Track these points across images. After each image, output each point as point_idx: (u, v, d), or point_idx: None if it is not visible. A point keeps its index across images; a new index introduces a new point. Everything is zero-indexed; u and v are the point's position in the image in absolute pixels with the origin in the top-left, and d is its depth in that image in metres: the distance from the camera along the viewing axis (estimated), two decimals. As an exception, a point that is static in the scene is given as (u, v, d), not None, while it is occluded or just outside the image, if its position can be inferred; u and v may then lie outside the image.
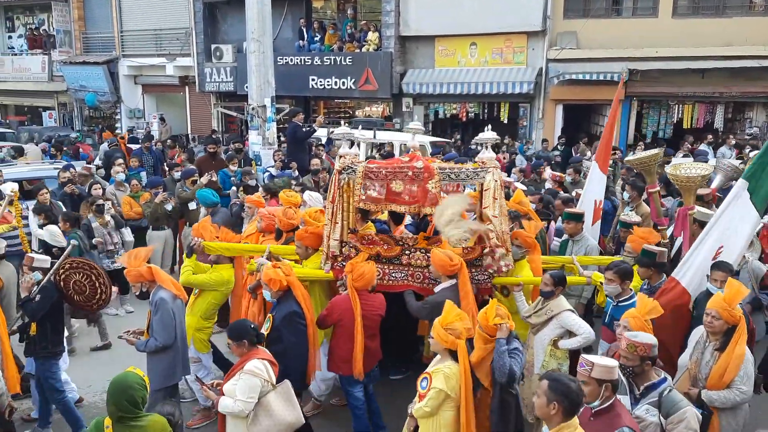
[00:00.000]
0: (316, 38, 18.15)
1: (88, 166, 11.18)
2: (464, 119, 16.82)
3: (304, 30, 18.37)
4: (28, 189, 9.39)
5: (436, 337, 4.17)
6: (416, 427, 4.18)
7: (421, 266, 5.36)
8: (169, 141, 15.83)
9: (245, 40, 14.22)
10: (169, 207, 8.56)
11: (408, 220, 6.85)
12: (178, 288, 4.97)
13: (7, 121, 23.48)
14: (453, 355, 4.16)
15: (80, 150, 16.01)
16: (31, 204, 8.24)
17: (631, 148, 13.96)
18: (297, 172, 10.28)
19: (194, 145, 17.31)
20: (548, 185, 9.12)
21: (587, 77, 14.82)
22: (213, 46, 19.29)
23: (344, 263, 5.35)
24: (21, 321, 5.31)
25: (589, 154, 11.82)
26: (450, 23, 16.10)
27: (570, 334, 4.81)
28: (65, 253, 5.49)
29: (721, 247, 4.78)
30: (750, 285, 5.39)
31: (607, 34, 14.97)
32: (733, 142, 13.41)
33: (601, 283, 5.21)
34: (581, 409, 3.31)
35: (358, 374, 4.92)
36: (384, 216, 6.78)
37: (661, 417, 3.55)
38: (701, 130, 14.93)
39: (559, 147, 14.29)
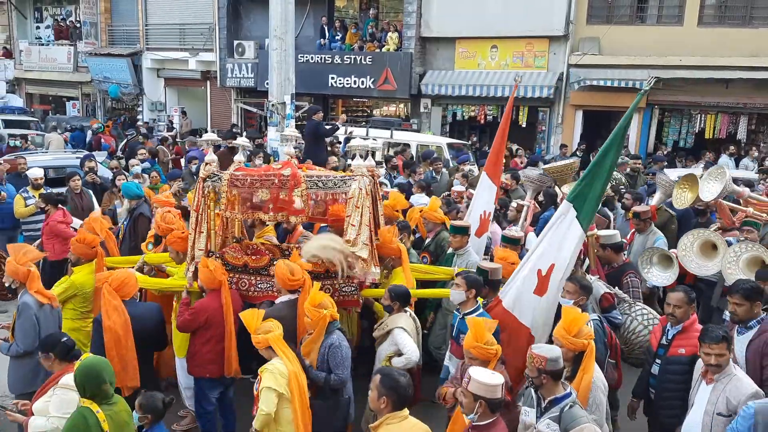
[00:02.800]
0: (337, 37, 18.22)
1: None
2: (482, 122, 16.77)
3: (326, 29, 18.45)
4: (51, 177, 9.63)
5: (256, 343, 4.22)
6: None
7: None
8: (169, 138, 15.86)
9: (267, 37, 14.31)
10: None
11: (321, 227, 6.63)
12: (45, 295, 4.88)
13: (32, 110, 23.81)
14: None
15: (102, 141, 16.25)
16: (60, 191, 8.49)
17: (650, 158, 13.82)
18: (313, 170, 10.32)
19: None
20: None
21: (609, 84, 14.71)
22: (235, 42, 19.44)
23: None
24: None
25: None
26: (471, 25, 16.06)
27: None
28: None
29: (553, 264, 4.65)
30: (590, 307, 5.21)
31: (631, 40, 14.84)
32: (756, 153, 13.23)
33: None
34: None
35: (235, 372, 4.93)
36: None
37: None
38: (724, 140, 14.75)
39: (578, 153, 14.20)
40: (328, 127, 11.31)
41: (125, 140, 15.71)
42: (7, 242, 6.75)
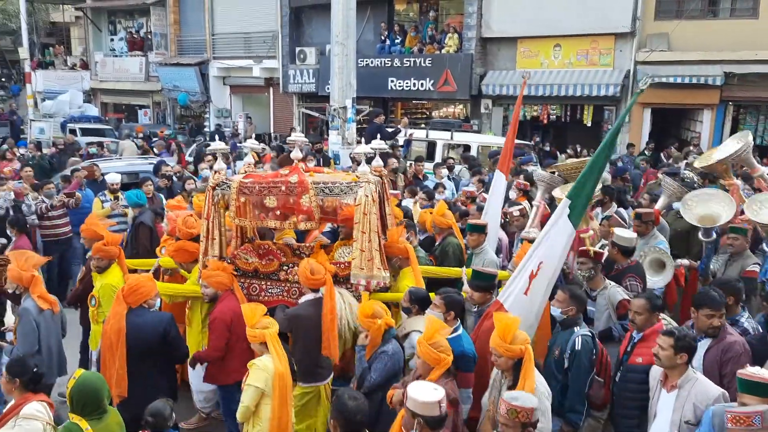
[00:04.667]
0: (396, 41, 18.31)
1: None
2: (546, 121, 16.47)
3: (386, 32, 18.56)
4: (125, 182, 10.08)
5: (249, 338, 4.19)
6: None
7: (298, 282, 5.16)
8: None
9: (328, 43, 14.53)
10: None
11: (327, 227, 6.62)
12: (47, 300, 4.96)
13: (107, 119, 24.96)
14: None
15: (172, 146, 16.84)
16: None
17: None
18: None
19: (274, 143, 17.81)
20: (512, 195, 8.33)
21: (679, 80, 14.17)
22: (297, 49, 19.83)
23: None
24: None
25: (683, 163, 11.13)
26: (533, 25, 15.81)
27: None
28: None
29: (541, 263, 4.53)
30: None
31: (702, 35, 14.24)
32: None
33: None
34: None
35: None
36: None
37: None
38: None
39: (646, 152, 13.75)
40: (389, 130, 11.38)
41: (194, 146, 16.26)
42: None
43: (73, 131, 19.33)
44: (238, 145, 14.68)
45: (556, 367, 4.38)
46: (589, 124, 15.76)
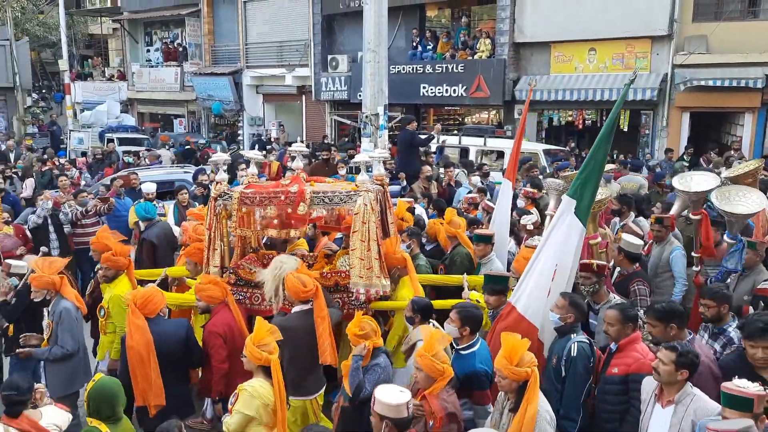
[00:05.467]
0: (428, 47, 18.27)
1: None
2: (581, 126, 16.23)
3: (418, 39, 18.55)
4: (162, 191, 10.25)
5: (248, 355, 4.03)
6: None
7: None
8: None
9: (359, 51, 14.55)
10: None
11: (339, 235, 6.63)
12: (79, 300, 5.07)
13: (143, 128, 25.45)
14: (267, 371, 4.01)
15: (209, 154, 17.06)
16: (168, 204, 8.99)
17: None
18: (405, 182, 10.38)
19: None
20: (520, 203, 8.22)
21: (718, 83, 13.82)
22: (329, 57, 19.94)
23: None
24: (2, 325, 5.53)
25: (723, 168, 10.81)
26: (567, 29, 15.62)
27: None
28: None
29: (557, 265, 4.51)
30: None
31: (742, 37, 13.87)
32: None
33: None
34: None
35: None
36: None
37: None
38: None
39: (685, 157, 13.43)
40: (422, 136, 11.33)
41: (228, 154, 16.44)
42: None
43: (110, 141, 19.74)
44: (287, 149, 14.74)
45: (554, 375, 4.32)
46: (625, 129, 15.47)
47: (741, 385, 3.18)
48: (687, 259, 6.14)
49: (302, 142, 16.76)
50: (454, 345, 4.47)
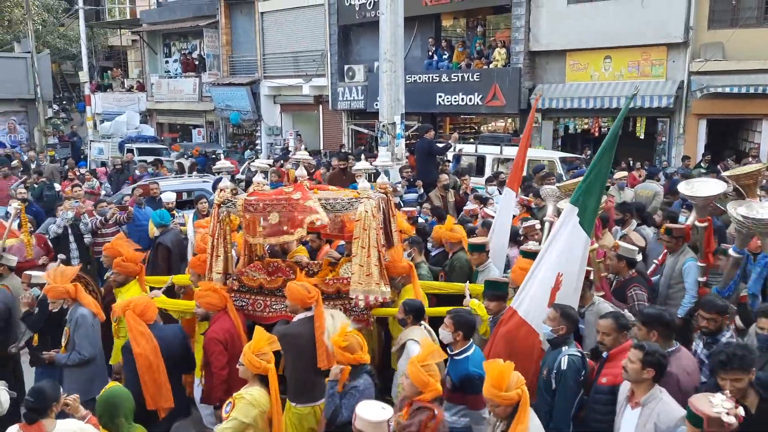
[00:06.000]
0: (444, 56, 18.40)
1: None
2: (597, 134, 16.24)
3: (433, 48, 18.68)
4: (181, 200, 10.39)
5: (246, 363, 4.02)
6: None
7: None
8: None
9: (376, 60, 14.72)
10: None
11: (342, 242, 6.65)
12: (96, 307, 5.12)
13: (162, 138, 25.77)
14: (263, 380, 3.99)
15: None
16: (188, 213, 9.12)
17: None
18: (422, 189, 10.46)
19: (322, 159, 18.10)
20: (516, 211, 8.16)
21: (735, 90, 13.78)
22: (346, 67, 20.14)
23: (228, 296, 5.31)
24: (27, 336, 5.62)
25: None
26: (582, 37, 15.67)
27: None
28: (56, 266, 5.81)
29: (561, 274, 4.48)
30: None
31: (759, 43, 13.83)
32: None
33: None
34: None
35: None
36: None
37: None
38: None
39: (702, 165, 13.38)
40: (440, 145, 11.41)
41: (246, 163, 16.64)
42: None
43: (130, 151, 20.04)
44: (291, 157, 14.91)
45: (545, 388, 4.29)
46: (642, 137, 15.46)
47: (712, 400, 3.13)
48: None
49: (306, 149, 17.01)
50: (449, 351, 4.48)
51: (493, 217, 7.43)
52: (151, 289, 5.99)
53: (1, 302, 5.72)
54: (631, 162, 14.10)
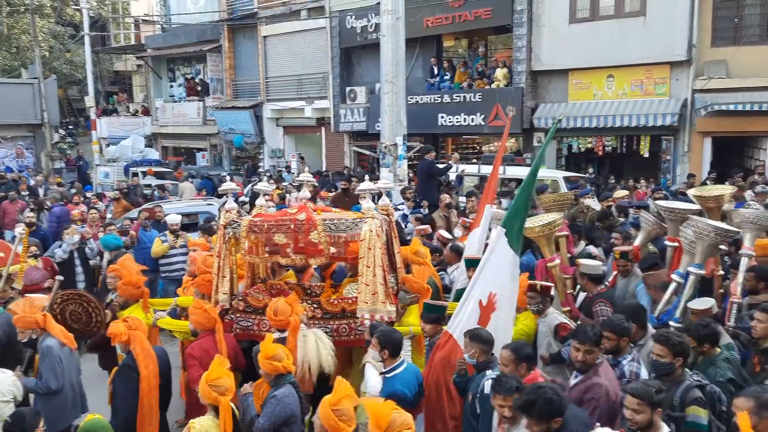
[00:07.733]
0: (446, 77, 18.43)
1: None
2: (601, 153, 16.17)
3: (435, 69, 18.73)
4: (185, 223, 10.37)
5: (201, 391, 3.97)
6: None
7: (308, 317, 5.26)
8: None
9: (377, 82, 14.74)
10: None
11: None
12: (66, 336, 5.04)
13: (167, 162, 25.86)
14: (217, 409, 3.94)
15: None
16: (193, 236, 9.10)
17: None
18: (427, 210, 10.39)
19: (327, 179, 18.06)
20: (457, 233, 8.32)
21: (740, 107, 13.71)
22: (347, 89, 20.21)
23: (234, 316, 5.37)
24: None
25: (747, 193, 10.63)
26: (585, 56, 15.68)
27: None
28: (54, 288, 5.81)
29: (494, 294, 4.63)
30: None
31: (762, 61, 13.80)
32: None
33: None
34: None
35: None
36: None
37: None
38: None
39: (707, 183, 13.27)
40: (441, 166, 11.37)
41: (250, 186, 16.61)
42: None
43: (135, 175, 20.09)
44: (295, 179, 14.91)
45: (471, 412, 4.26)
46: (646, 155, 15.39)
47: None
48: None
49: (307, 169, 16.95)
50: (382, 368, 4.54)
51: (450, 240, 7.66)
52: (155, 311, 6.00)
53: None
54: (633, 182, 13.99)
